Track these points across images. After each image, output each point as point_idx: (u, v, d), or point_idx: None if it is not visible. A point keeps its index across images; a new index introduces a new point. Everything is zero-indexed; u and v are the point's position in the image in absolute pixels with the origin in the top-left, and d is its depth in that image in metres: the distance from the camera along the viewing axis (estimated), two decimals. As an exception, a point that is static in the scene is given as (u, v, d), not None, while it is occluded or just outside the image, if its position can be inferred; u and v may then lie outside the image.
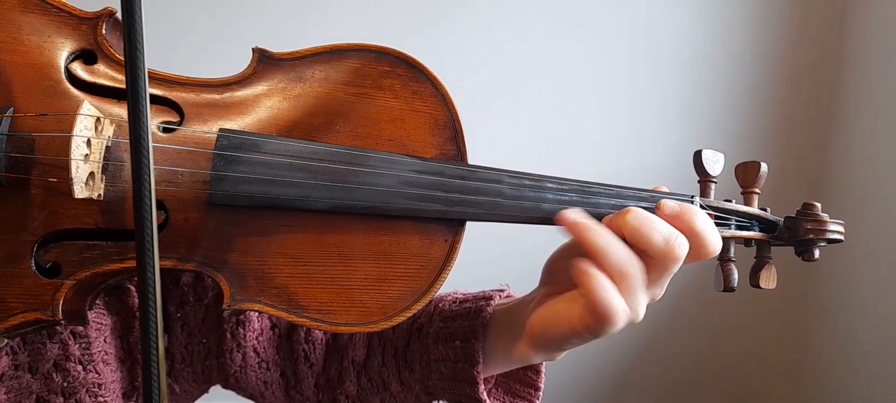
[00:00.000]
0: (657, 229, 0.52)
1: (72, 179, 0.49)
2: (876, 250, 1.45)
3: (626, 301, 0.51)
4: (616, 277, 0.51)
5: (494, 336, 0.64)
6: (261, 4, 1.44)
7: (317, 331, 0.71)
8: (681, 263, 0.53)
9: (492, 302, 0.65)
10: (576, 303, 0.54)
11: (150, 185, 0.43)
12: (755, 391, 1.78)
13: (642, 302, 0.53)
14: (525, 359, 0.62)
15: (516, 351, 0.61)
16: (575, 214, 0.54)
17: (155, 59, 0.51)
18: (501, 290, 0.68)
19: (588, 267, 0.51)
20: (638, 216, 0.52)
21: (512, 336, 0.61)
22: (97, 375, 0.61)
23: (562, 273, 0.60)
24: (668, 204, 0.55)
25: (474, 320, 0.64)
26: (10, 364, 0.58)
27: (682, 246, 0.52)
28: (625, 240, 0.52)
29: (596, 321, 0.51)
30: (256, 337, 0.69)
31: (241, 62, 0.57)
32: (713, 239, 0.54)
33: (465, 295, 0.69)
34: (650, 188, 0.58)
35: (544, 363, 0.67)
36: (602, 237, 0.52)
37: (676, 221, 0.53)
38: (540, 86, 1.57)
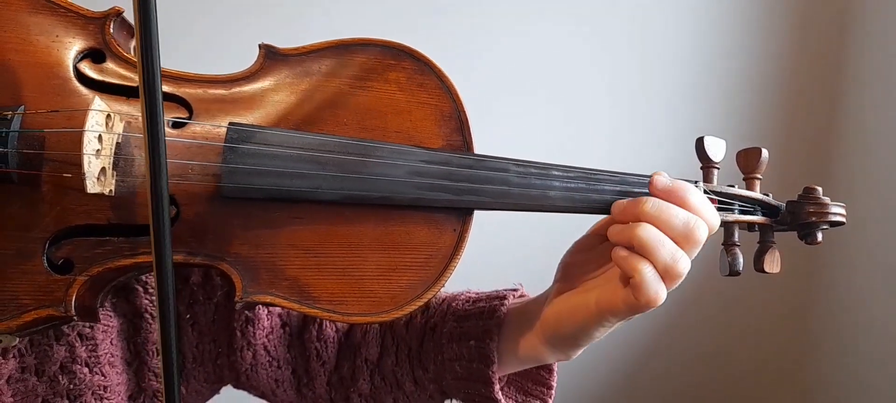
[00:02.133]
0: (676, 213, 0.53)
1: (84, 174, 0.49)
2: (879, 243, 1.46)
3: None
4: (669, 274, 0.53)
5: (507, 335, 0.64)
6: (267, 1, 1.43)
7: (328, 330, 0.71)
8: (699, 248, 0.54)
9: (506, 301, 0.66)
10: (593, 292, 0.56)
11: (165, 181, 0.44)
12: (760, 393, 1.78)
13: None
14: (538, 358, 0.63)
15: (528, 350, 0.61)
16: (617, 227, 0.55)
17: (162, 56, 0.51)
18: (515, 290, 0.69)
19: (638, 259, 0.53)
20: (655, 203, 0.54)
21: (525, 335, 0.62)
22: (103, 377, 0.61)
23: (578, 270, 0.61)
24: (660, 180, 0.56)
25: (488, 320, 0.64)
26: (16, 367, 0.57)
27: (701, 229, 0.54)
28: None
29: (637, 303, 0.53)
30: (267, 336, 0.68)
31: (247, 58, 0.58)
32: (710, 214, 0.56)
33: (477, 294, 0.69)
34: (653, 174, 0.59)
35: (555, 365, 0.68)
36: (654, 235, 0.53)
37: (669, 197, 0.55)
38: (543, 76, 1.56)
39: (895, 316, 1.43)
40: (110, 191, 0.51)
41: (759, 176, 0.63)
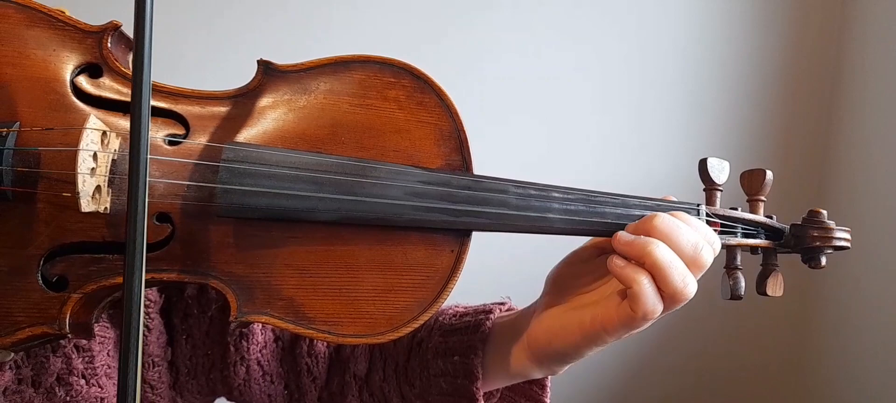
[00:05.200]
0: (686, 235, 0.53)
1: (78, 193, 0.49)
2: (881, 257, 1.45)
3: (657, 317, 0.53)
4: (672, 299, 0.52)
5: (494, 350, 0.63)
6: (265, 17, 1.44)
7: (319, 345, 0.71)
8: (704, 271, 0.54)
9: (491, 315, 0.65)
10: (588, 309, 0.55)
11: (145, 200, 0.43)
12: (759, 399, 1.78)
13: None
14: (525, 373, 0.62)
15: (516, 365, 0.60)
16: (628, 236, 0.54)
17: (159, 71, 0.51)
18: (502, 303, 0.68)
19: (637, 270, 0.52)
20: (667, 221, 0.53)
21: (512, 350, 0.61)
22: (100, 389, 0.61)
23: (571, 282, 0.60)
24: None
25: (473, 334, 0.64)
26: (13, 379, 0.57)
27: (708, 253, 0.53)
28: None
29: (633, 321, 0.52)
30: (260, 350, 0.68)
31: (245, 74, 0.57)
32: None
33: (465, 308, 0.68)
34: (656, 197, 0.58)
35: (549, 379, 0.67)
36: (671, 256, 0.52)
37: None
38: (545, 96, 1.56)
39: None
40: (105, 208, 0.51)
41: (762, 198, 0.62)
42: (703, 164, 0.61)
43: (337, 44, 1.41)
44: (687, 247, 0.52)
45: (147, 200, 0.44)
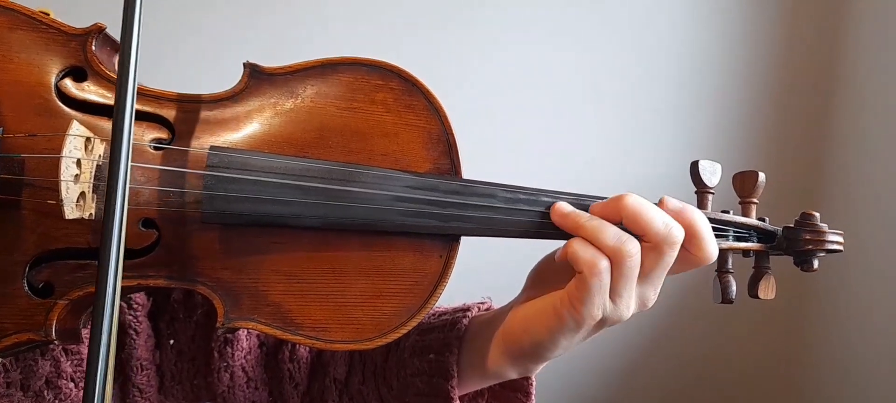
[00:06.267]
0: (656, 213, 0.52)
1: (62, 200, 0.48)
2: (874, 259, 1.44)
3: (619, 287, 0.52)
4: (614, 256, 0.51)
5: (470, 348, 0.62)
6: (252, 18, 1.42)
7: (301, 350, 0.70)
8: (676, 253, 0.53)
9: (469, 313, 0.64)
10: (558, 292, 0.54)
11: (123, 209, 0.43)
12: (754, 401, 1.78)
13: (632, 295, 0.53)
14: (500, 372, 0.60)
15: (492, 363, 0.59)
16: (566, 206, 0.55)
17: (145, 74, 0.50)
18: (482, 302, 0.67)
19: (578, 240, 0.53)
20: (635, 199, 0.53)
21: (488, 347, 0.60)
22: None
23: (553, 276, 0.59)
24: (671, 201, 0.55)
25: (449, 332, 0.63)
26: (1, 382, 0.57)
27: (680, 231, 0.53)
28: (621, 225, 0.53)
29: (582, 283, 0.51)
30: (245, 357, 0.68)
31: (232, 77, 0.57)
32: (711, 242, 0.55)
33: (445, 308, 0.67)
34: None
35: (534, 387, 0.66)
36: (595, 221, 0.53)
37: (677, 217, 0.54)
38: (535, 98, 1.55)
39: (890, 329, 1.41)
40: (90, 215, 0.51)
41: (755, 200, 0.61)
42: (694, 167, 0.60)
43: (327, 46, 1.40)
44: (657, 224, 0.53)
45: (126, 208, 0.43)
